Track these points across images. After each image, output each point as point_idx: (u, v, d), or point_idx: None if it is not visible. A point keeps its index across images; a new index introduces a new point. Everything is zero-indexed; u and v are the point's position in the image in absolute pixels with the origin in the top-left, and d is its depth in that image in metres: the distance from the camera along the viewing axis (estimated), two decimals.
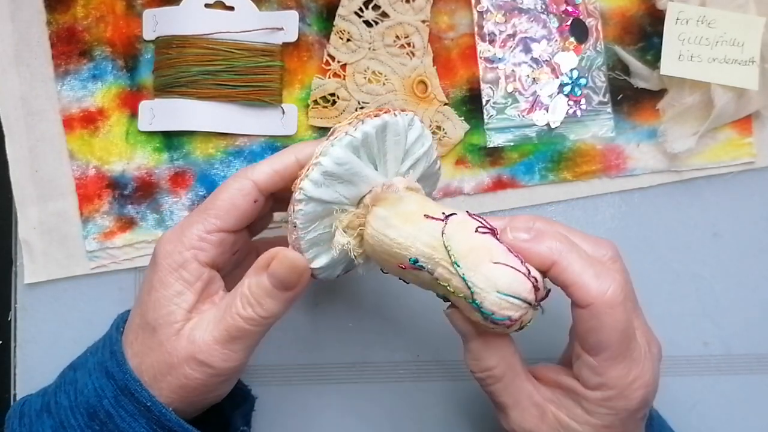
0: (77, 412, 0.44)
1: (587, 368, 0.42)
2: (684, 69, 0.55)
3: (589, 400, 0.43)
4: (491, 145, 0.57)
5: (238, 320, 0.42)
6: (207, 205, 0.45)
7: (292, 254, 0.43)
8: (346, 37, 0.56)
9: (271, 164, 0.45)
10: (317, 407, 0.56)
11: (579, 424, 0.43)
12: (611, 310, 0.41)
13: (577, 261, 0.42)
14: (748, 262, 0.57)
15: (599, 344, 0.41)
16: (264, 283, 0.43)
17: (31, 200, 0.56)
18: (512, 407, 0.44)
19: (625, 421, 0.43)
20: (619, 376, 0.42)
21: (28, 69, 0.56)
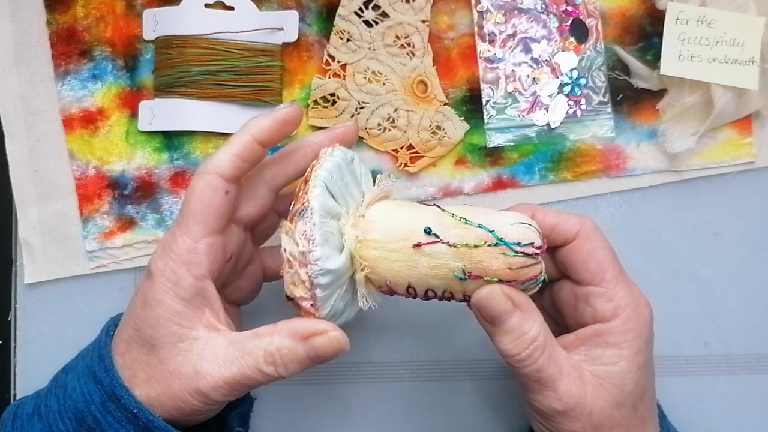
0: (65, 417, 0.43)
1: (599, 299, 0.44)
2: (684, 69, 0.55)
3: (613, 331, 0.44)
4: (491, 145, 0.57)
5: (256, 373, 0.42)
6: (183, 213, 0.44)
7: (342, 338, 0.42)
8: (346, 37, 0.56)
9: (228, 150, 0.45)
10: (317, 407, 0.56)
11: (614, 364, 0.44)
12: (596, 232, 0.46)
13: (549, 211, 0.46)
14: (748, 262, 0.57)
15: (600, 266, 0.45)
16: (299, 352, 0.42)
17: (31, 200, 0.56)
18: (558, 377, 0.43)
19: (647, 341, 0.45)
20: (626, 294, 0.44)
21: (28, 69, 0.56)
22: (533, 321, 0.43)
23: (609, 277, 0.45)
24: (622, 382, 0.44)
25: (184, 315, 0.43)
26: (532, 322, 0.43)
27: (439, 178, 0.57)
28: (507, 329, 0.43)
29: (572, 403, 0.43)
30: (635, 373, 0.44)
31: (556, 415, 0.44)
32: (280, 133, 0.46)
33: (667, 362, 0.56)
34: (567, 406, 0.43)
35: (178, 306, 0.43)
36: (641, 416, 0.45)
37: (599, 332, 0.44)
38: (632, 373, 0.44)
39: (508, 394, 0.56)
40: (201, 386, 0.42)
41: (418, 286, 0.44)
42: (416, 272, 0.43)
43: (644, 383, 0.45)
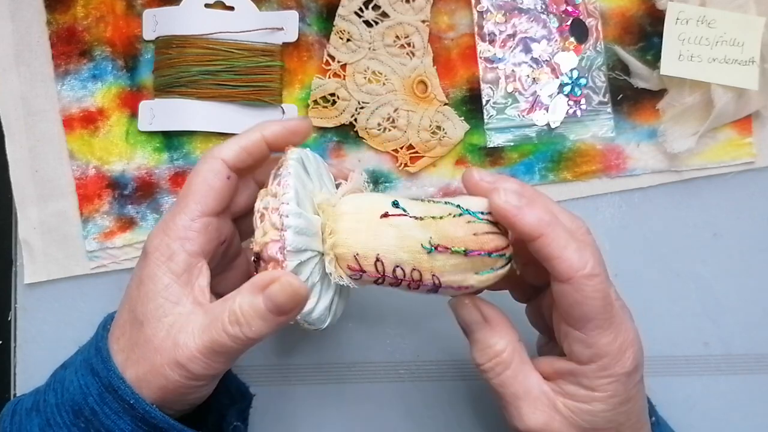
0: (63, 410, 0.44)
1: (577, 343, 0.43)
2: (684, 69, 0.55)
3: (587, 375, 0.43)
4: (491, 145, 0.57)
5: (223, 336, 0.42)
6: (184, 193, 0.45)
7: (296, 281, 0.41)
8: (346, 37, 0.56)
9: (237, 141, 0.46)
10: (317, 407, 0.56)
11: (587, 403, 0.43)
12: (592, 282, 0.42)
13: (561, 235, 0.42)
14: (748, 262, 0.57)
15: (584, 316, 0.42)
16: (258, 304, 0.41)
17: (31, 200, 0.56)
18: (523, 398, 0.44)
19: (627, 385, 0.43)
20: (608, 343, 0.43)
21: (28, 69, 0.56)
22: (500, 337, 0.44)
23: (592, 326, 0.42)
24: (594, 419, 0.43)
25: (172, 289, 0.43)
26: (499, 337, 0.44)
27: (439, 178, 0.57)
28: (475, 339, 0.45)
29: (535, 428, 0.43)
30: (609, 412, 0.43)
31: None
32: (288, 140, 0.47)
33: (667, 362, 0.56)
34: (528, 428, 0.44)
35: (167, 280, 0.43)
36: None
37: (573, 372, 0.44)
38: (605, 413, 0.43)
39: None
40: (178, 357, 0.42)
41: (386, 260, 0.43)
42: (383, 243, 0.43)
43: (621, 419, 0.44)
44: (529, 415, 0.43)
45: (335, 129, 0.57)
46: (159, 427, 0.42)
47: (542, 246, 0.42)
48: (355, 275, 0.44)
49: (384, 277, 0.44)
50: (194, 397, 0.45)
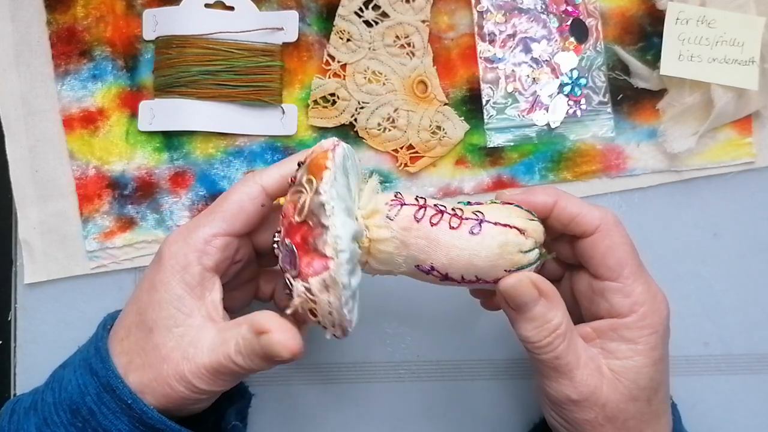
0: (60, 409, 0.44)
1: (616, 295, 0.45)
2: (684, 69, 0.55)
3: (629, 326, 0.44)
4: (491, 145, 0.57)
5: (230, 362, 0.42)
6: (215, 208, 0.45)
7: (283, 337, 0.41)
8: (346, 37, 0.56)
9: (279, 169, 0.46)
10: (317, 407, 0.56)
11: (630, 358, 0.44)
12: (618, 227, 0.45)
13: (573, 199, 0.46)
14: (748, 262, 0.57)
15: (619, 262, 0.45)
16: (256, 346, 0.41)
17: (31, 200, 0.56)
18: (576, 366, 0.44)
19: (663, 338, 0.45)
20: (643, 291, 0.45)
21: (28, 69, 0.56)
22: (557, 310, 0.44)
23: (627, 273, 0.45)
24: (637, 377, 0.44)
25: (185, 301, 0.43)
26: (556, 310, 0.44)
27: (439, 178, 0.57)
28: (531, 317, 0.44)
29: (587, 393, 0.44)
30: (650, 368, 0.44)
31: (570, 403, 0.44)
32: None
33: None
34: (582, 395, 0.44)
35: (180, 290, 0.43)
36: (655, 410, 0.45)
37: (615, 327, 0.45)
38: (647, 368, 0.44)
39: (509, 394, 0.56)
40: (185, 371, 0.42)
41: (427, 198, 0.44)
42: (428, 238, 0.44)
43: (659, 378, 0.45)
44: (582, 382, 0.44)
45: (335, 129, 0.57)
46: (156, 428, 0.42)
47: (560, 210, 0.45)
48: (393, 205, 0.43)
49: (425, 207, 0.43)
50: (196, 407, 0.45)
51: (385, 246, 0.43)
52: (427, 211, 0.43)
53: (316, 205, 0.40)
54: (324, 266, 0.40)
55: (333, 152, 0.41)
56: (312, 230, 0.40)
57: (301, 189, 0.41)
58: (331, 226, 0.40)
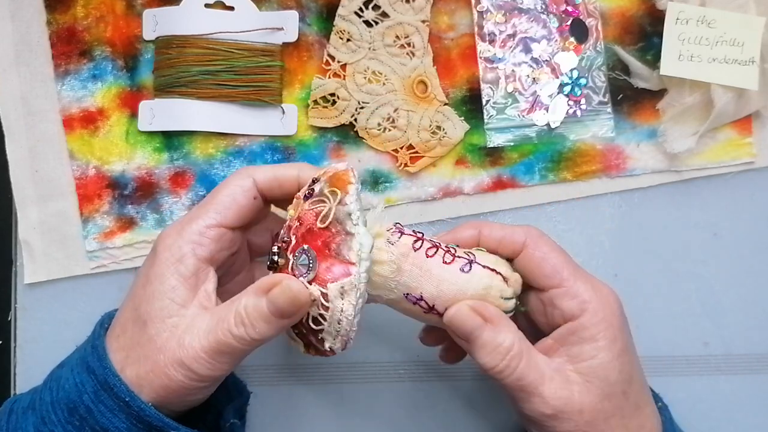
0: (58, 408, 0.44)
1: (564, 299, 0.45)
2: (684, 69, 0.55)
3: (585, 326, 0.45)
4: (491, 145, 0.57)
5: (229, 337, 0.42)
6: (208, 200, 0.46)
7: (296, 286, 0.42)
8: (346, 37, 0.56)
9: (273, 169, 0.47)
10: (317, 407, 0.56)
11: (594, 357, 0.45)
12: (543, 238, 0.47)
13: (495, 225, 0.48)
14: (748, 262, 0.57)
15: (555, 267, 0.46)
16: (261, 306, 0.42)
17: (31, 200, 0.56)
18: (541, 382, 0.44)
19: (622, 331, 0.46)
20: (588, 288, 0.46)
21: (28, 69, 0.56)
22: (506, 332, 0.44)
23: (566, 275, 0.46)
24: (606, 372, 0.44)
25: (179, 292, 0.43)
26: (505, 333, 0.44)
27: (439, 178, 0.57)
28: (481, 344, 0.44)
29: (560, 405, 0.44)
30: (616, 360, 0.45)
31: (547, 419, 0.44)
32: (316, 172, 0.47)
33: (667, 362, 0.56)
34: (555, 408, 0.44)
35: (175, 281, 0.44)
36: (634, 402, 0.45)
37: (572, 330, 0.45)
38: (614, 362, 0.44)
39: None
40: (182, 357, 0.42)
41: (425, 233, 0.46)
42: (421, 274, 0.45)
43: (628, 369, 0.45)
44: (551, 396, 0.44)
45: (335, 129, 0.57)
46: (154, 426, 0.42)
47: (486, 237, 0.47)
48: (395, 234, 0.45)
49: (423, 240, 0.45)
50: (194, 398, 0.45)
51: (382, 269, 0.44)
52: (424, 243, 0.45)
53: (343, 214, 0.42)
54: (345, 272, 0.42)
55: (354, 172, 0.44)
56: (335, 236, 0.42)
57: (324, 199, 0.43)
58: (356, 234, 0.42)
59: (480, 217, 0.57)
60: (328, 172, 0.45)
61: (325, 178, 0.44)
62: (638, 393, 0.46)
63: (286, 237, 0.44)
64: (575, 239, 0.57)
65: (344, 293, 0.42)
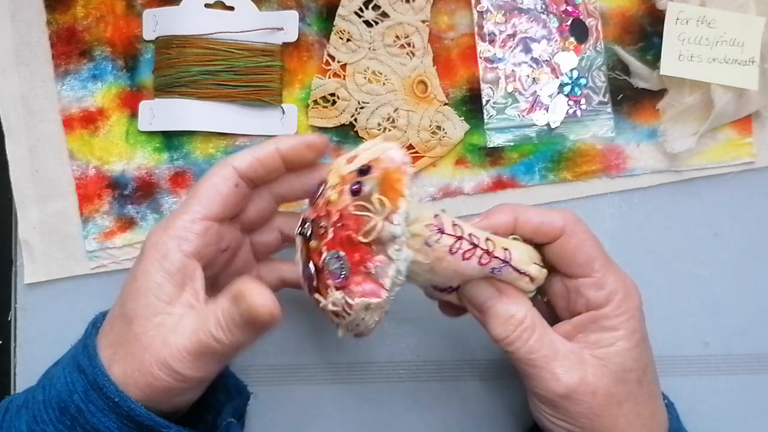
0: (50, 407, 0.43)
1: (591, 289, 0.46)
2: (684, 69, 0.55)
3: (607, 315, 0.45)
4: (491, 145, 0.57)
5: (210, 339, 0.41)
6: (190, 194, 0.46)
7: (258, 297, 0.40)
8: (346, 37, 0.56)
9: (252, 152, 0.46)
10: (317, 407, 0.56)
11: (613, 345, 0.45)
12: (579, 224, 0.47)
13: (530, 210, 0.47)
14: (748, 262, 0.57)
15: (589, 257, 0.46)
16: (233, 314, 0.41)
17: (31, 200, 0.56)
18: (553, 358, 0.44)
19: (641, 321, 0.46)
20: (615, 280, 0.46)
21: (28, 69, 0.56)
22: (519, 304, 0.45)
23: (598, 266, 0.46)
24: (623, 360, 0.45)
25: (164, 289, 0.43)
26: (518, 305, 0.45)
27: (439, 178, 0.57)
28: (493, 314, 0.45)
29: (573, 384, 0.44)
30: (634, 349, 0.45)
31: (559, 399, 0.44)
32: (303, 154, 0.47)
33: (667, 362, 0.56)
34: (568, 387, 0.44)
35: (160, 278, 0.43)
36: (648, 391, 0.46)
37: (594, 318, 0.45)
38: (632, 350, 0.45)
39: (509, 394, 0.56)
40: (167, 357, 0.42)
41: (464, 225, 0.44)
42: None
43: (645, 358, 0.46)
44: (564, 374, 0.44)
45: (335, 129, 0.57)
46: (144, 425, 0.42)
47: (523, 224, 0.46)
48: (434, 231, 0.42)
49: (462, 239, 0.43)
50: (181, 399, 0.44)
51: (415, 268, 0.43)
52: (462, 245, 0.43)
53: (388, 235, 0.40)
54: (375, 293, 0.40)
55: (408, 171, 0.41)
56: (374, 255, 0.40)
57: (369, 206, 0.40)
58: (397, 261, 0.40)
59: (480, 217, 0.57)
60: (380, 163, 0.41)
61: (377, 175, 0.41)
62: (651, 383, 0.46)
63: (323, 223, 0.41)
64: None
65: (369, 309, 0.41)
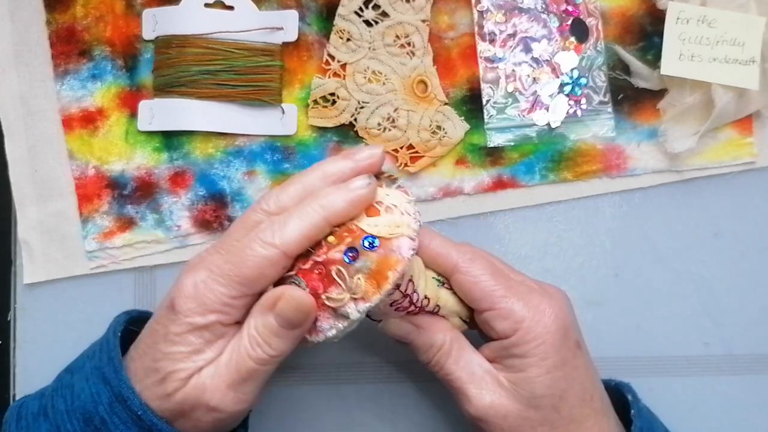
0: (73, 417, 0.44)
1: (496, 321, 0.46)
2: (684, 69, 0.55)
3: (516, 344, 0.45)
4: (491, 145, 0.57)
5: (249, 362, 0.42)
6: (233, 269, 0.42)
7: (299, 294, 0.42)
8: (346, 37, 0.56)
9: (300, 228, 0.42)
10: (317, 407, 0.56)
11: (524, 371, 0.45)
12: (476, 261, 0.47)
13: (436, 240, 0.47)
14: (749, 262, 0.57)
15: (485, 292, 0.46)
16: (270, 323, 0.42)
17: (30, 200, 0.56)
18: (468, 380, 0.46)
19: (557, 347, 0.45)
20: (522, 307, 0.45)
21: (28, 69, 0.56)
22: (436, 333, 0.47)
23: (497, 298, 0.46)
24: (532, 386, 0.45)
25: (205, 355, 0.43)
26: (435, 334, 0.47)
27: (440, 178, 0.57)
28: (415, 346, 0.48)
29: (483, 407, 0.45)
30: (545, 376, 0.45)
31: (474, 420, 0.46)
32: (351, 215, 0.43)
33: (667, 362, 0.56)
34: (478, 411, 0.45)
35: (200, 345, 0.43)
36: (568, 416, 0.45)
37: (504, 346, 0.46)
38: (541, 377, 0.45)
39: None
40: (208, 401, 0.42)
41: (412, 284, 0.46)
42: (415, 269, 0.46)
43: (562, 384, 0.45)
44: (477, 396, 0.46)
45: (335, 129, 0.57)
46: None
47: (424, 248, 0.46)
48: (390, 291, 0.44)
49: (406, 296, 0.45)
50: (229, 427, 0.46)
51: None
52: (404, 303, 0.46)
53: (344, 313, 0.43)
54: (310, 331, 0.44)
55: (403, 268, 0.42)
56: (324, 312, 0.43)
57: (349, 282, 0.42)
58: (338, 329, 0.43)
59: (480, 217, 0.57)
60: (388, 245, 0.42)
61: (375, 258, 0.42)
62: (574, 407, 0.46)
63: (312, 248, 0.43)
64: (575, 239, 0.57)
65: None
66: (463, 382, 0.46)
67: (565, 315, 0.46)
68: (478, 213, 0.57)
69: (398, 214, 0.44)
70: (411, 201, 0.45)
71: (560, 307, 0.46)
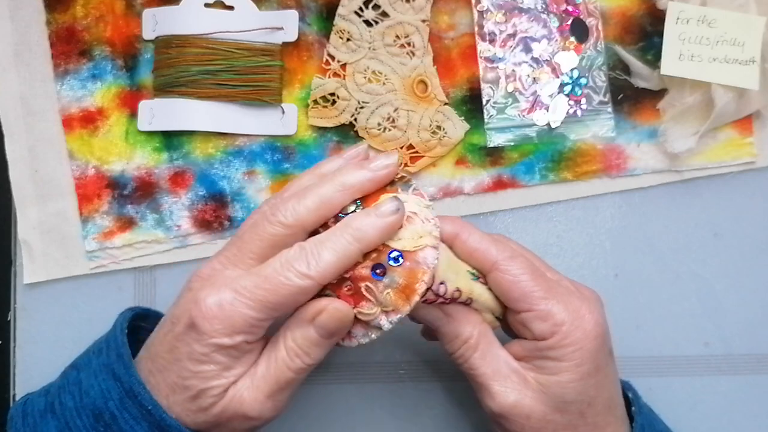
0: (83, 414, 0.44)
1: (534, 322, 0.45)
2: (684, 69, 0.55)
3: (553, 346, 0.44)
4: (491, 145, 0.57)
5: (288, 372, 0.43)
6: (266, 295, 0.42)
7: (342, 307, 0.43)
8: (346, 37, 0.56)
9: (336, 262, 0.42)
10: (317, 407, 0.56)
11: (556, 374, 0.45)
12: (514, 260, 0.46)
13: (475, 234, 0.46)
14: (749, 262, 0.57)
15: (524, 293, 0.45)
16: (311, 334, 0.43)
17: (30, 200, 0.56)
18: (493, 377, 0.45)
19: (593, 353, 0.45)
20: (561, 310, 0.45)
21: (28, 69, 0.56)
22: (465, 325, 0.46)
23: (537, 299, 0.45)
24: (563, 391, 0.44)
25: (234, 371, 0.43)
26: (464, 326, 0.46)
27: (440, 178, 0.57)
28: (442, 334, 0.47)
29: (507, 406, 0.45)
30: (578, 382, 0.44)
31: (496, 416, 0.46)
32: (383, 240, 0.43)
33: (667, 362, 0.56)
34: (501, 408, 0.45)
35: (228, 362, 0.43)
36: (593, 422, 0.45)
37: (540, 347, 0.45)
38: (574, 383, 0.44)
39: None
40: (247, 412, 0.43)
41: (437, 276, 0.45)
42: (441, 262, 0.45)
43: (592, 392, 0.45)
44: (500, 394, 0.45)
45: (335, 129, 0.57)
46: None
47: (461, 243, 0.46)
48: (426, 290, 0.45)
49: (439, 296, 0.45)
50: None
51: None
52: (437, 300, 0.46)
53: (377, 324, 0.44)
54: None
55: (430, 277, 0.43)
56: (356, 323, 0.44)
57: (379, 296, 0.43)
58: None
59: (480, 217, 0.57)
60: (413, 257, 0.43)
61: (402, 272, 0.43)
62: (599, 414, 0.45)
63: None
64: (575, 239, 0.57)
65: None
66: (487, 378, 0.45)
67: (603, 322, 0.46)
68: (478, 213, 0.57)
69: (419, 223, 0.44)
70: (429, 206, 0.45)
71: (599, 312, 0.46)
